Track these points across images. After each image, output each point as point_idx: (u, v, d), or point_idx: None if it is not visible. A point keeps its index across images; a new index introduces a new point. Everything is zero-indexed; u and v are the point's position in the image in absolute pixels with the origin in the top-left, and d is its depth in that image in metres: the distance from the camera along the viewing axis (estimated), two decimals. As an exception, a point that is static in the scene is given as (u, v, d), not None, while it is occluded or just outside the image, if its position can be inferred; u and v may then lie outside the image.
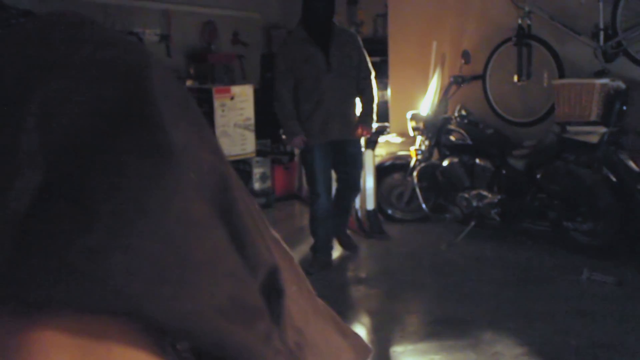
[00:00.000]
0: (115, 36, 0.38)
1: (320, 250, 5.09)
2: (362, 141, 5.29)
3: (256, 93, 7.29)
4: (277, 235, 0.46)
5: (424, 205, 5.99)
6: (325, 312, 0.49)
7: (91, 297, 0.30)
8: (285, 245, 0.47)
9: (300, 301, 0.44)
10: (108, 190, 0.32)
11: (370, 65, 5.07)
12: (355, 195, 5.34)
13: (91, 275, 0.30)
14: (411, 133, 6.22)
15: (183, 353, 0.35)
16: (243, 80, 8.32)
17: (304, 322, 0.43)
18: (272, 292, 0.38)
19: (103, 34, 0.38)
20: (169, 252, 0.32)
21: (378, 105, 5.20)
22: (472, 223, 5.60)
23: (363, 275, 4.99)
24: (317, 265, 5.00)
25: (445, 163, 5.90)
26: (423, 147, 6.01)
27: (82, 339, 0.31)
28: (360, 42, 5.05)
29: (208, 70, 8.22)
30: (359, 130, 5.00)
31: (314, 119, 4.87)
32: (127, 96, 0.35)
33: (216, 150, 0.39)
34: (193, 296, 0.33)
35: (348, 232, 5.54)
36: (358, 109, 5.08)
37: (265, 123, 7.53)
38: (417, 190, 5.97)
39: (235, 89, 7.04)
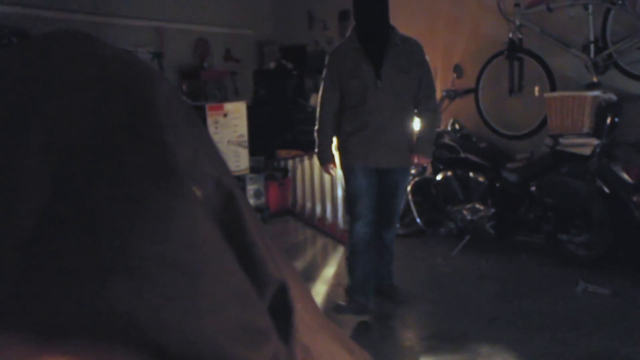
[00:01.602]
0: (119, 53, 0.38)
1: (355, 290, 4.29)
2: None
3: (249, 109, 7.29)
4: (282, 251, 0.46)
5: (418, 220, 5.99)
6: (331, 328, 0.48)
7: (97, 322, 0.30)
8: (290, 261, 0.47)
9: (307, 318, 0.44)
10: (113, 213, 0.31)
11: (433, 82, 4.40)
12: (392, 233, 4.49)
13: (97, 301, 0.30)
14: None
15: None
16: (236, 97, 8.33)
17: (311, 339, 0.43)
18: (282, 309, 0.38)
19: (107, 51, 0.37)
20: (176, 277, 0.32)
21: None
22: (467, 237, 5.60)
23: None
24: (351, 308, 4.27)
25: (439, 177, 5.90)
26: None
27: None
28: (424, 54, 4.32)
29: (201, 87, 8.23)
30: (415, 160, 4.32)
31: (356, 141, 4.18)
32: (132, 114, 0.34)
33: (221, 164, 0.39)
34: (200, 322, 0.32)
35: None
36: (412, 133, 4.36)
37: (259, 139, 7.53)
38: (412, 204, 5.97)
39: (228, 106, 7.04)
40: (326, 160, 4.35)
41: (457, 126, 6.10)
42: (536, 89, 5.79)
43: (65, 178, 0.32)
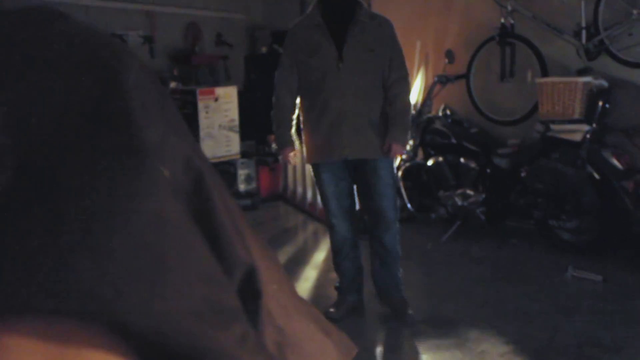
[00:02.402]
0: (89, 31, 0.37)
1: (346, 289, 4.10)
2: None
3: (240, 94, 7.28)
4: (257, 233, 0.45)
5: (409, 205, 6.00)
6: (308, 310, 0.48)
7: (61, 300, 0.29)
8: (265, 243, 0.47)
9: (281, 299, 0.43)
10: (77, 190, 0.31)
11: (405, 63, 3.91)
12: (391, 233, 3.96)
13: (60, 278, 0.29)
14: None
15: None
16: (227, 82, 8.31)
17: (285, 321, 0.42)
18: (249, 293, 0.37)
19: (76, 29, 0.36)
20: (141, 254, 0.31)
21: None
22: (458, 222, 5.61)
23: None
24: (342, 307, 4.05)
25: (430, 162, 5.91)
26: (407, 147, 6.03)
27: (51, 343, 0.30)
28: (395, 33, 3.83)
29: (192, 72, 8.20)
30: (390, 150, 3.78)
31: (317, 130, 3.80)
32: (100, 93, 0.34)
33: (193, 147, 0.38)
34: (166, 299, 0.32)
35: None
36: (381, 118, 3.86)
37: (250, 124, 7.52)
38: (402, 189, 5.98)
39: (220, 91, 7.02)
40: (283, 144, 3.90)
41: (448, 112, 6.11)
42: (528, 74, 5.80)
43: (28, 159, 0.31)
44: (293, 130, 3.91)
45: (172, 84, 7.44)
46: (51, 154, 0.31)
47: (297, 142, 3.95)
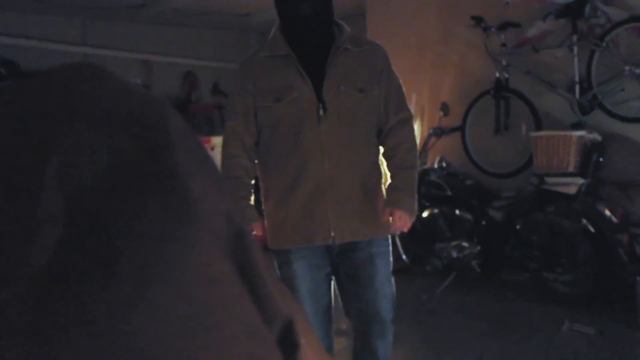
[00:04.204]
0: (133, 88, 0.38)
1: None
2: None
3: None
4: (285, 287, 0.46)
5: (404, 256, 5.98)
6: (332, 363, 0.48)
7: (114, 355, 0.30)
8: (292, 296, 0.47)
9: (309, 353, 0.44)
10: (128, 246, 0.31)
11: (406, 101, 2.92)
12: (387, 341, 2.96)
13: (113, 333, 0.30)
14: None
15: None
16: (223, 131, 8.33)
17: (314, 374, 0.43)
18: (288, 344, 0.38)
19: (122, 86, 0.38)
20: (191, 311, 0.32)
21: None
22: (453, 274, 5.59)
23: (343, 327, 4.94)
24: None
25: (425, 214, 5.91)
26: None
27: None
28: (389, 62, 2.84)
29: (188, 121, 8.22)
30: (392, 222, 2.77)
31: (289, 205, 2.71)
32: (146, 150, 0.34)
33: (231, 199, 0.39)
34: (215, 356, 0.32)
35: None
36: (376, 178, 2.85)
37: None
38: (397, 240, 5.97)
39: (216, 140, 7.05)
40: (249, 219, 2.74)
41: (443, 164, 6.13)
42: (522, 128, 5.85)
43: (80, 212, 0.32)
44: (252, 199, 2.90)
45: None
46: (100, 208, 0.32)
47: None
